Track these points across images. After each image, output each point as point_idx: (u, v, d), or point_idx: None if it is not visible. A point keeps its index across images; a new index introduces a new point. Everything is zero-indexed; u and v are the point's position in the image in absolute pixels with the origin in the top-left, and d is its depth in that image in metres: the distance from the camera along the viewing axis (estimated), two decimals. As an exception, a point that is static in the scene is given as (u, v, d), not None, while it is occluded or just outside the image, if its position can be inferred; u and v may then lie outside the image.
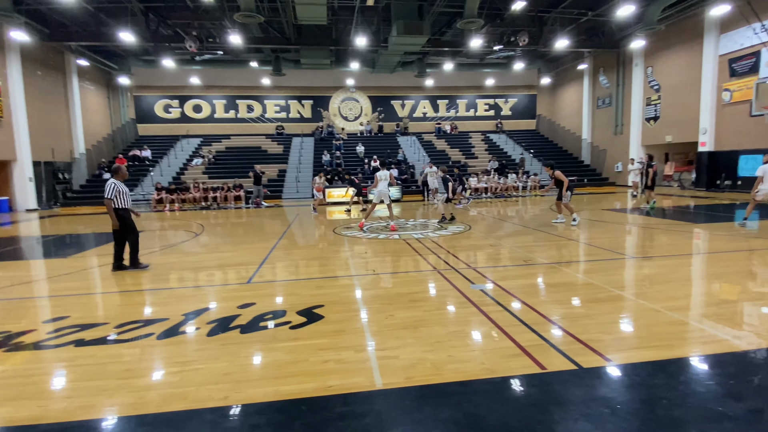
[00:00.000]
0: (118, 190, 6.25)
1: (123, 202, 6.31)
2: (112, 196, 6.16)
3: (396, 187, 19.74)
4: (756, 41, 15.37)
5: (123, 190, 6.34)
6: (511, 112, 31.39)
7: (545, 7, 19.73)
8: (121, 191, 6.28)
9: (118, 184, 6.26)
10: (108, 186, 6.19)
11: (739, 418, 2.37)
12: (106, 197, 6.15)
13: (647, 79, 21.96)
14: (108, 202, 6.16)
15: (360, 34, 19.35)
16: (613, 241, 7.97)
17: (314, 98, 29.29)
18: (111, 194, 6.16)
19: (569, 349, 3.30)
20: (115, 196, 6.18)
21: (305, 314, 4.29)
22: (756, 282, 5.03)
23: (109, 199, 6.15)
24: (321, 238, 9.74)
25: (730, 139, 17.71)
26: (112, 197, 6.17)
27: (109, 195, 6.15)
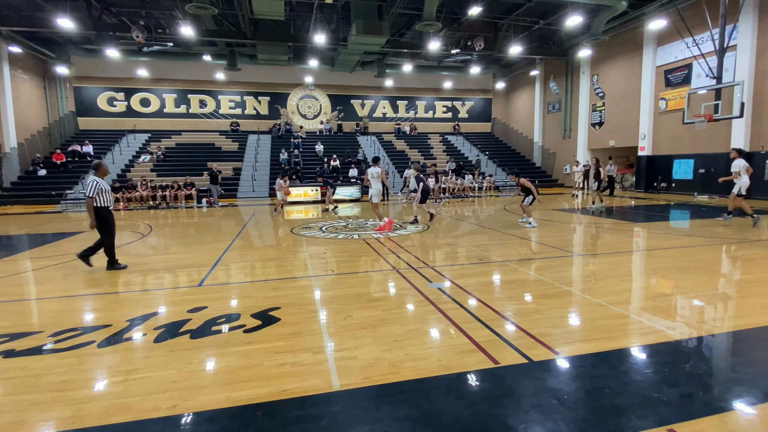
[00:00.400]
0: (100, 188, 6.08)
1: (104, 200, 6.14)
2: (93, 194, 6.00)
3: (355, 187, 19.70)
4: (688, 54, 16.70)
5: (105, 188, 6.16)
6: (468, 115, 32.22)
7: (500, 14, 20.41)
8: (103, 189, 6.11)
9: (100, 182, 6.10)
10: (90, 184, 6.03)
11: (673, 403, 2.56)
12: (88, 195, 5.98)
13: (593, 86, 23.29)
14: (89, 201, 5.98)
15: (319, 32, 19.13)
16: (561, 240, 8.37)
17: (271, 95, 28.62)
18: (93, 192, 6.00)
19: (521, 344, 3.43)
20: (97, 194, 6.02)
21: (260, 317, 4.17)
22: (687, 276, 5.46)
23: (91, 198, 5.98)
24: (278, 238, 9.53)
25: (666, 144, 19.15)
26: (94, 195, 6.00)
27: (90, 193, 5.99)
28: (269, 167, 23.49)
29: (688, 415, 2.43)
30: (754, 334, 3.61)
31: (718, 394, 2.69)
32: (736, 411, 2.49)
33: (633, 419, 2.40)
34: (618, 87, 21.59)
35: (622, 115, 21.31)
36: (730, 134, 16.16)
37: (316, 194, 18.96)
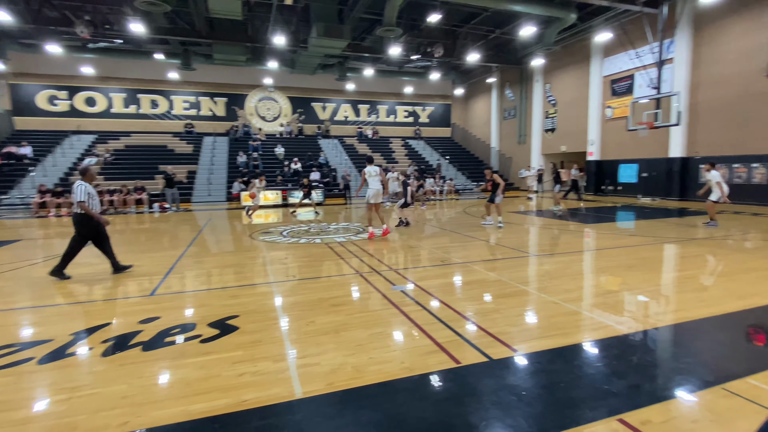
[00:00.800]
0: (89, 192, 5.90)
1: (91, 205, 5.94)
2: (84, 198, 5.82)
3: (319, 191, 19.50)
4: (631, 66, 17.88)
5: (92, 193, 5.98)
6: (429, 120, 32.78)
7: (458, 22, 20.96)
8: (90, 194, 5.93)
9: (87, 187, 5.91)
10: (77, 189, 5.83)
11: (622, 394, 2.71)
12: (79, 200, 5.79)
13: (546, 94, 24.39)
14: (84, 205, 5.82)
15: (278, 33, 18.82)
16: (518, 241, 8.68)
17: (228, 96, 27.80)
18: (82, 197, 5.81)
19: (481, 343, 3.51)
20: (86, 199, 5.85)
21: (218, 326, 4.03)
22: (633, 273, 5.82)
23: (83, 201, 5.81)
24: (237, 244, 9.25)
25: (612, 149, 20.36)
26: (84, 199, 5.82)
27: (82, 197, 5.81)
28: (226, 170, 22.76)
29: (636, 405, 2.58)
30: (692, 326, 3.89)
31: (662, 383, 2.88)
32: (678, 398, 2.67)
33: (586, 411, 2.52)
34: (568, 95, 22.74)
35: (573, 122, 22.45)
36: (668, 141, 17.42)
37: (276, 198, 18.58)
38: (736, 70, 14.96)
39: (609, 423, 2.41)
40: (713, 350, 3.43)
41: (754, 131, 14.54)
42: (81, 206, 5.82)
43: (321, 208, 17.74)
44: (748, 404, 2.57)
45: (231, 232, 11.07)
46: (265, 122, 28.77)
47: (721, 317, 4.07)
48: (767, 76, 13.98)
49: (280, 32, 18.92)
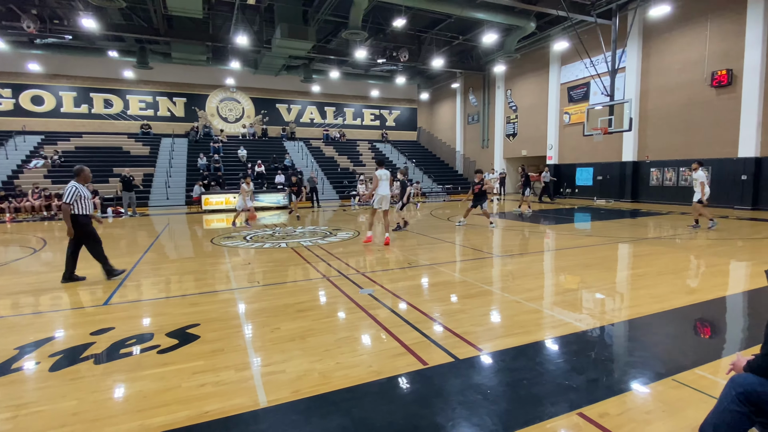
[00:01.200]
0: (80, 194, 5.70)
1: (83, 207, 5.76)
2: (71, 201, 5.59)
3: (281, 194, 19.17)
4: (587, 74, 18.75)
5: (85, 195, 5.80)
6: (395, 124, 33.02)
7: (423, 28, 21.27)
8: (82, 196, 5.74)
9: (79, 188, 5.72)
10: (68, 189, 5.61)
11: (581, 388, 2.82)
12: (64, 201, 5.58)
13: (507, 100, 25.16)
14: (65, 207, 5.58)
15: (241, 33, 18.42)
16: (482, 242, 8.87)
17: (188, 96, 26.88)
18: (70, 198, 5.58)
19: (447, 343, 3.55)
20: (75, 201, 5.63)
21: (177, 335, 3.86)
22: (590, 272, 6.08)
23: (67, 204, 5.58)
24: (197, 249, 8.92)
25: (570, 154, 21.26)
26: (72, 202, 5.60)
27: (68, 199, 5.57)
28: (185, 173, 21.98)
29: (594, 399, 2.68)
30: (645, 321, 4.11)
31: (618, 377, 3.01)
32: (632, 391, 2.80)
33: (548, 407, 2.60)
34: (528, 101, 23.56)
35: (533, 127, 23.28)
36: (621, 146, 18.39)
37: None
38: (681, 80, 16.01)
39: (570, 417, 2.49)
40: (664, 344, 3.63)
41: (698, 137, 15.61)
42: (62, 208, 5.59)
43: (286, 211, 17.45)
44: (696, 394, 2.73)
45: (191, 237, 10.68)
46: (227, 123, 28.02)
47: (671, 312, 4.32)
48: (709, 86, 15.05)
49: (243, 32, 18.52)
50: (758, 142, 13.86)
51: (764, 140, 13.81)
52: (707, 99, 15.19)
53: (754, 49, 13.60)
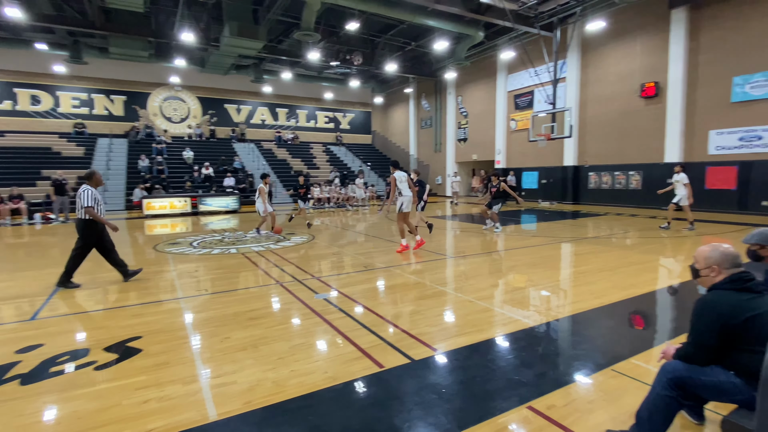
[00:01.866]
0: (95, 198, 5.65)
1: (99, 210, 5.69)
2: (91, 204, 5.58)
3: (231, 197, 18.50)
4: (531, 83, 19.72)
5: (99, 199, 5.73)
6: (350, 127, 32.96)
7: (376, 32, 21.43)
8: (97, 199, 5.68)
9: (93, 192, 5.68)
10: (84, 193, 5.59)
11: (530, 383, 2.94)
12: (86, 205, 5.54)
13: (458, 106, 25.92)
14: (91, 210, 5.57)
15: (186, 29, 17.61)
16: (437, 244, 9.05)
17: (128, 94, 25.26)
18: (90, 201, 5.57)
19: (403, 345, 3.58)
20: (94, 204, 5.59)
21: (116, 350, 3.60)
22: (536, 271, 6.38)
23: (91, 207, 5.58)
24: (139, 257, 8.38)
25: (517, 158, 22.25)
26: (92, 205, 5.58)
27: (90, 202, 5.57)
28: (125, 175, 20.62)
29: (542, 392, 2.81)
30: (586, 316, 4.36)
31: (563, 369, 3.17)
32: (576, 382, 2.96)
33: (500, 402, 2.69)
34: (478, 107, 24.41)
35: (482, 133, 24.14)
36: (563, 151, 19.51)
37: (184, 206, 17.24)
38: (615, 91, 17.27)
39: (520, 411, 2.59)
40: (603, 336, 3.88)
41: (631, 144, 16.89)
42: (88, 212, 5.56)
43: (237, 215, 16.85)
44: (632, 382, 2.94)
45: (132, 244, 10.02)
46: (172, 123, 26.64)
47: (609, 306, 4.63)
48: (639, 97, 16.35)
49: (189, 28, 17.72)
50: (681, 149, 15.24)
51: (686, 147, 15.20)
52: (638, 109, 16.50)
53: (676, 63, 14.96)
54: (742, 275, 2.06)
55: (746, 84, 13.43)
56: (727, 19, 13.78)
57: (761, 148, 13.29)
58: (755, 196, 13.55)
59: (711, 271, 2.16)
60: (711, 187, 14.60)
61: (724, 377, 1.99)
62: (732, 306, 1.98)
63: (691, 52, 14.75)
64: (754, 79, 13.25)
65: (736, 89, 13.68)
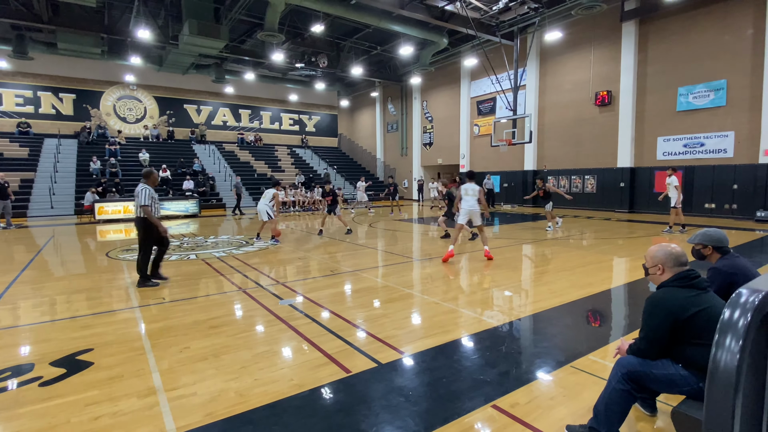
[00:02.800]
0: (152, 196, 5.73)
1: (155, 210, 5.75)
2: (148, 203, 5.63)
3: (191, 201, 17.85)
4: (493, 89, 20.29)
5: (156, 198, 5.81)
6: (315, 129, 32.64)
7: (342, 35, 21.38)
8: (154, 198, 5.75)
9: (150, 190, 5.74)
10: (142, 192, 5.64)
11: (494, 381, 3.00)
12: (143, 204, 5.60)
13: (424, 110, 26.27)
14: (147, 209, 5.62)
15: (142, 26, 16.87)
16: (403, 247, 9.11)
17: (78, 92, 23.87)
18: (146, 200, 5.63)
19: (370, 349, 3.56)
20: (150, 203, 5.64)
21: (64, 364, 3.37)
22: (498, 272, 6.54)
23: (147, 206, 5.62)
24: (90, 264, 7.91)
25: (480, 162, 22.80)
26: (148, 203, 5.63)
27: (146, 201, 5.62)
28: (75, 178, 19.45)
29: (506, 390, 2.87)
30: (546, 314, 4.51)
31: (526, 367, 3.26)
32: (538, 380, 3.05)
33: (466, 402, 2.72)
34: (443, 113, 24.85)
35: (447, 137, 24.59)
36: (523, 156, 20.18)
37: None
38: (571, 98, 18.07)
39: (485, 410, 2.63)
40: (563, 334, 4.02)
41: (586, 149, 17.70)
42: (144, 210, 5.60)
43: (196, 220, 16.27)
44: (590, 377, 3.06)
45: (82, 251, 9.45)
46: (127, 124, 25.42)
47: (568, 305, 4.81)
48: (594, 105, 17.17)
49: (145, 25, 16.99)
50: (632, 154, 16.14)
51: (637, 153, 16.12)
52: (592, 116, 17.33)
53: (627, 74, 15.85)
54: (688, 273, 2.20)
55: (690, 94, 14.42)
56: (672, 33, 14.77)
57: (703, 154, 14.30)
58: (699, 199, 14.55)
59: (658, 269, 2.28)
60: (659, 190, 15.52)
61: (673, 370, 2.11)
62: (679, 302, 2.10)
63: (640, 63, 15.68)
64: (696, 89, 14.25)
65: (680, 99, 14.66)
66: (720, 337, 0.88)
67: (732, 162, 13.67)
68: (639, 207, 16.25)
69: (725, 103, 13.62)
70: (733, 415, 0.84)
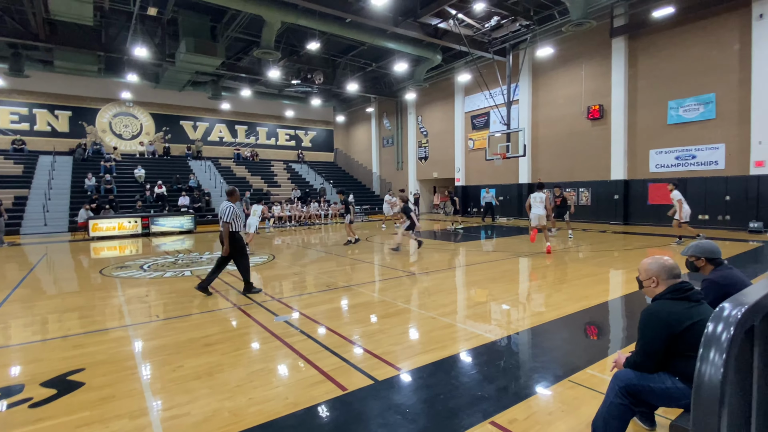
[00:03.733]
0: (236, 213, 6.16)
1: (237, 225, 6.19)
2: (230, 220, 6.07)
3: (186, 217, 17.78)
4: (487, 104, 20.58)
5: (239, 214, 6.26)
6: (311, 145, 32.82)
7: (337, 52, 21.70)
8: (238, 215, 6.19)
9: (235, 208, 6.18)
10: (227, 209, 6.10)
11: (492, 397, 2.97)
12: (225, 221, 6.06)
13: (418, 125, 26.53)
14: (226, 226, 6.04)
15: (139, 44, 17.05)
16: (400, 261, 9.08)
17: (74, 109, 23.92)
18: (229, 217, 6.07)
19: (367, 366, 3.52)
20: (232, 220, 6.08)
21: (55, 384, 3.30)
22: (496, 285, 6.53)
23: (227, 223, 6.05)
24: (83, 282, 7.83)
25: (475, 176, 22.95)
26: (230, 221, 6.07)
27: (227, 218, 6.06)
28: (69, 195, 19.36)
29: (504, 406, 2.84)
30: (544, 328, 4.49)
31: (524, 382, 3.23)
32: (537, 395, 3.02)
33: (464, 418, 2.68)
34: (438, 127, 25.10)
35: (442, 151, 24.78)
36: (518, 169, 20.34)
37: (134, 227, 16.37)
38: (564, 113, 18.32)
39: (483, 427, 2.60)
40: (561, 348, 4.00)
41: (580, 162, 17.88)
42: (224, 227, 6.01)
43: (192, 236, 16.19)
44: (589, 391, 3.03)
45: (76, 269, 9.36)
46: (122, 140, 25.45)
47: (565, 318, 4.79)
48: (586, 119, 17.42)
49: (142, 44, 17.17)
50: (625, 167, 16.31)
51: (630, 165, 16.29)
52: (585, 130, 17.56)
53: (618, 88, 16.13)
54: (682, 285, 2.20)
55: (680, 108, 14.67)
56: (660, 49, 15.09)
57: (695, 166, 14.47)
58: (693, 211, 14.62)
59: (651, 282, 2.29)
60: (653, 202, 15.66)
61: (670, 383, 2.09)
62: (674, 315, 2.10)
63: (630, 77, 15.98)
64: (686, 103, 14.51)
65: (671, 112, 14.91)
66: (704, 351, 0.89)
67: (723, 174, 13.84)
68: (633, 219, 16.35)
69: (715, 116, 13.86)
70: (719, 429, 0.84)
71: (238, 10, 15.31)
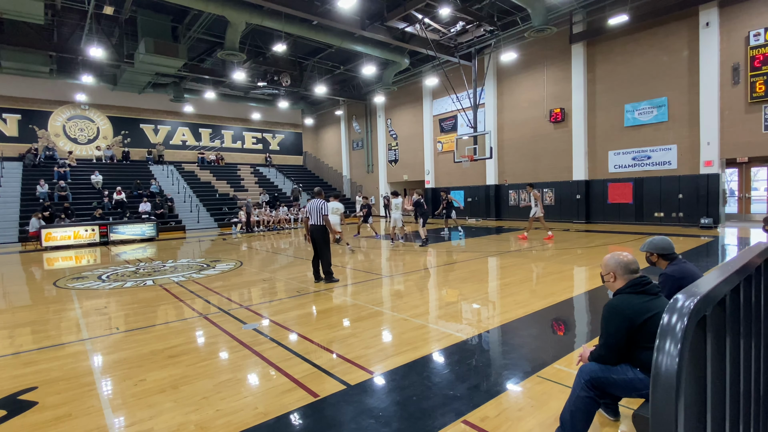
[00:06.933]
0: (326, 208, 7.00)
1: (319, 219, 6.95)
2: (328, 212, 7.02)
3: (147, 224, 17.09)
4: (454, 108, 20.92)
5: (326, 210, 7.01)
6: (280, 148, 32.31)
7: (305, 55, 21.50)
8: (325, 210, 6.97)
9: (326, 204, 7.06)
10: (324, 205, 6.99)
11: (464, 396, 2.99)
12: (324, 214, 6.95)
13: (388, 128, 26.65)
14: (326, 219, 6.97)
15: (95, 44, 16.30)
16: (371, 264, 9.06)
17: (24, 112, 22.54)
18: (326, 211, 6.97)
19: (339, 371, 3.48)
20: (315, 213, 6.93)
21: (4, 405, 3.08)
22: (466, 285, 6.62)
23: (326, 215, 6.97)
24: (35, 295, 7.36)
25: (444, 178, 23.27)
26: (328, 213, 6.99)
27: (327, 211, 7.00)
28: (19, 203, 18.22)
29: (476, 404, 2.87)
30: (513, 325, 4.59)
31: (494, 380, 3.28)
32: (507, 391, 3.07)
33: (437, 418, 2.69)
34: (407, 130, 25.30)
35: (411, 154, 25.00)
36: (485, 171, 20.78)
37: (92, 235, 15.58)
38: (527, 116, 18.88)
39: (456, 426, 2.61)
40: (528, 344, 4.10)
41: (544, 164, 18.46)
42: (325, 220, 6.95)
43: (154, 243, 15.57)
44: (556, 386, 3.11)
45: (27, 281, 8.79)
46: (78, 145, 24.18)
47: (532, 315, 4.91)
48: (549, 122, 18.01)
49: (98, 44, 16.42)
50: (586, 168, 16.98)
51: (590, 166, 16.97)
52: (548, 132, 18.16)
53: (578, 92, 16.78)
54: (641, 280, 2.30)
55: (635, 111, 15.42)
56: (616, 54, 15.83)
57: (651, 166, 15.24)
58: (649, 208, 15.44)
59: (610, 276, 2.39)
60: (612, 201, 16.37)
61: (632, 374, 2.18)
62: (634, 308, 2.19)
63: (589, 82, 16.66)
64: (641, 106, 15.27)
65: (627, 115, 15.65)
66: (660, 341, 0.92)
67: (676, 173, 14.65)
68: (595, 217, 17.03)
69: (667, 118, 14.66)
70: (676, 418, 0.87)
71: (201, 11, 14.90)
